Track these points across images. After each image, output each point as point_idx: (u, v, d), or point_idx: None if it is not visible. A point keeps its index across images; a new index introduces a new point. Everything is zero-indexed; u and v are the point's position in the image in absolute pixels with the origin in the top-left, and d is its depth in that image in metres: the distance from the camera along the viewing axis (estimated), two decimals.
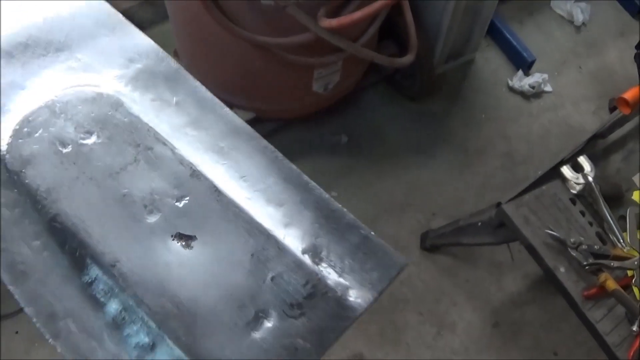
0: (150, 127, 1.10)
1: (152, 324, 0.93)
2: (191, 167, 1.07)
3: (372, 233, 1.04)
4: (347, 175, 2.74)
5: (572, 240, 1.81)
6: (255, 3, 1.92)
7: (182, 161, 1.07)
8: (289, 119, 2.71)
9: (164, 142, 1.09)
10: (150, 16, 2.89)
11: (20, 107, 1.10)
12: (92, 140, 1.08)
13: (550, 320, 2.53)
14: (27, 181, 1.02)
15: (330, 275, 0.98)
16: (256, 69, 2.23)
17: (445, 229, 2.42)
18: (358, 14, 1.88)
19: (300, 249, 1.01)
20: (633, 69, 2.23)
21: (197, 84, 1.17)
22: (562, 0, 3.29)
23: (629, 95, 1.91)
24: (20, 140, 1.06)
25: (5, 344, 2.31)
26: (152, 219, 1.01)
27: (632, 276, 1.81)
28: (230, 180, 1.06)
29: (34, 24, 1.20)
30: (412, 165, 2.81)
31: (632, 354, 1.72)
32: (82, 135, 1.08)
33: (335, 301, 0.96)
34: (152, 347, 0.92)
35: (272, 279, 0.98)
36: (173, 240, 1.00)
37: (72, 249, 0.98)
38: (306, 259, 0.99)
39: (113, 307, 0.95)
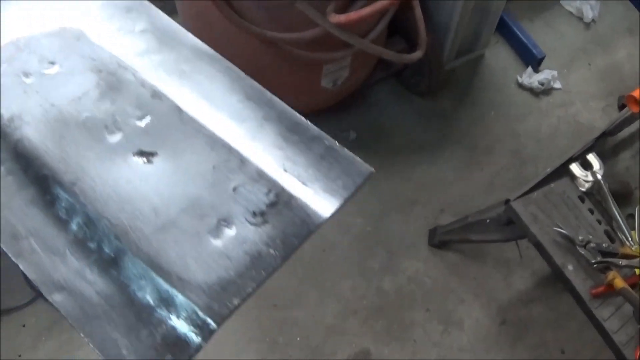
0: (113, 54, 1.11)
1: (113, 238, 0.93)
2: (152, 89, 1.07)
3: (337, 143, 1.03)
4: None
5: (580, 238, 1.80)
6: None
7: (143, 83, 1.07)
8: None
9: (126, 67, 1.09)
10: None
11: None
12: (55, 70, 1.09)
13: (557, 318, 2.52)
14: None
15: (294, 183, 0.98)
16: (265, 65, 2.23)
17: (454, 226, 2.41)
18: (367, 10, 1.88)
19: (263, 160, 1.00)
20: None
21: (160, 13, 1.17)
22: None
23: (638, 93, 1.90)
24: None
25: (13, 337, 2.32)
26: (113, 139, 1.02)
27: None
28: (192, 100, 1.06)
29: None
30: (420, 162, 2.81)
31: (639, 352, 1.71)
32: (45, 66, 1.09)
33: (299, 208, 0.96)
34: (114, 260, 0.92)
35: (234, 189, 0.98)
36: (134, 157, 1.00)
37: (35, 172, 0.99)
38: (269, 169, 0.99)
39: (75, 224, 0.95)
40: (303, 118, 1.05)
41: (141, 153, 1.00)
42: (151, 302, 0.89)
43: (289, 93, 2.42)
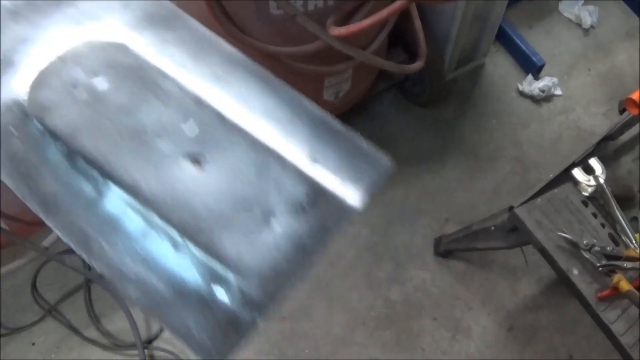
0: (155, 65, 1.17)
1: (175, 234, 1.01)
2: (195, 97, 1.13)
3: (363, 140, 1.11)
4: None
5: (584, 242, 1.81)
6: (265, 13, 1.94)
7: (187, 93, 1.14)
8: None
9: (168, 77, 1.15)
10: None
11: (34, 60, 1.16)
12: (102, 82, 1.14)
13: (565, 324, 2.53)
14: (47, 123, 1.09)
15: (327, 177, 1.06)
16: None
17: (459, 234, 2.42)
18: (366, 22, 1.90)
19: (299, 159, 1.08)
20: None
21: (194, 21, 1.23)
22: (570, 2, 3.30)
23: (637, 95, 1.91)
24: (38, 90, 1.13)
25: (22, 355, 2.33)
26: (164, 146, 1.09)
27: None
28: (231, 105, 1.13)
29: None
30: (424, 172, 2.82)
31: None
32: (94, 80, 1.15)
33: (334, 203, 1.04)
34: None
35: (277, 186, 1.05)
36: (185, 161, 1.08)
37: (94, 178, 1.06)
38: (304, 165, 1.07)
39: (138, 224, 1.03)
40: (331, 117, 1.13)
41: (191, 158, 1.08)
42: (213, 288, 0.98)
43: None
